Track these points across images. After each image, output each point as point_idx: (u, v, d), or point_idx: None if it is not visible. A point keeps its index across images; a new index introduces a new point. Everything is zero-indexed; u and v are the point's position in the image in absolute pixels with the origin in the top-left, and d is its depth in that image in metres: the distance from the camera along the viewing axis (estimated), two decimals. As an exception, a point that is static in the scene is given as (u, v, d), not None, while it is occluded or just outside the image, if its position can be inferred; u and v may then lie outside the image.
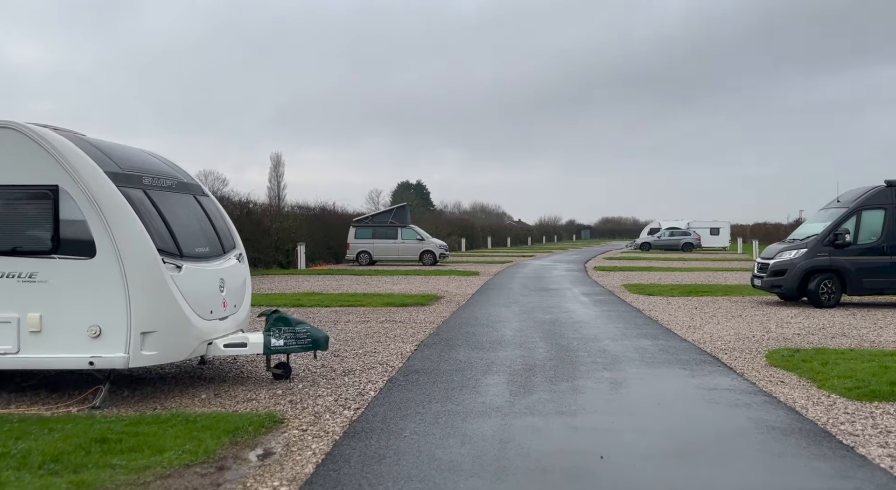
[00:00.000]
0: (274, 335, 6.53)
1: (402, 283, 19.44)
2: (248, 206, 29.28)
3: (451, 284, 19.12)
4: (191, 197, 7.11)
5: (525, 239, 75.68)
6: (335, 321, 11.17)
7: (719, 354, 8.20)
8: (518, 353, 8.14)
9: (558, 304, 13.93)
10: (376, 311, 12.56)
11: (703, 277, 22.06)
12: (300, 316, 12.16)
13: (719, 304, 14.10)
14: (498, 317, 11.68)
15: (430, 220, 51.68)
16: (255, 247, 28.44)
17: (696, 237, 47.80)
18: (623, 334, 9.69)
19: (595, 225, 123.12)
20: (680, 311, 12.80)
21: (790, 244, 14.04)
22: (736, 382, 6.68)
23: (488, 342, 8.90)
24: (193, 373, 7.13)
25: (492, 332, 9.88)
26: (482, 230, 61.34)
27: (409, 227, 31.09)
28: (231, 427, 4.99)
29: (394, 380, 6.70)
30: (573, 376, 6.83)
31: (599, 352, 8.22)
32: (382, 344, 8.84)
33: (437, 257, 30.51)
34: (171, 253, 6.10)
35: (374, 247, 30.72)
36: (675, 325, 10.82)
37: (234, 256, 7.25)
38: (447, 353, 8.15)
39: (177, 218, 6.56)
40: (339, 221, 34.58)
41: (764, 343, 9.05)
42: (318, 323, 11.01)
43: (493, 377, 6.80)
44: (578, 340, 9.07)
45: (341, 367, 7.39)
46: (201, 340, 6.27)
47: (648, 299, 14.98)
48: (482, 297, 15.29)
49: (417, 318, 11.50)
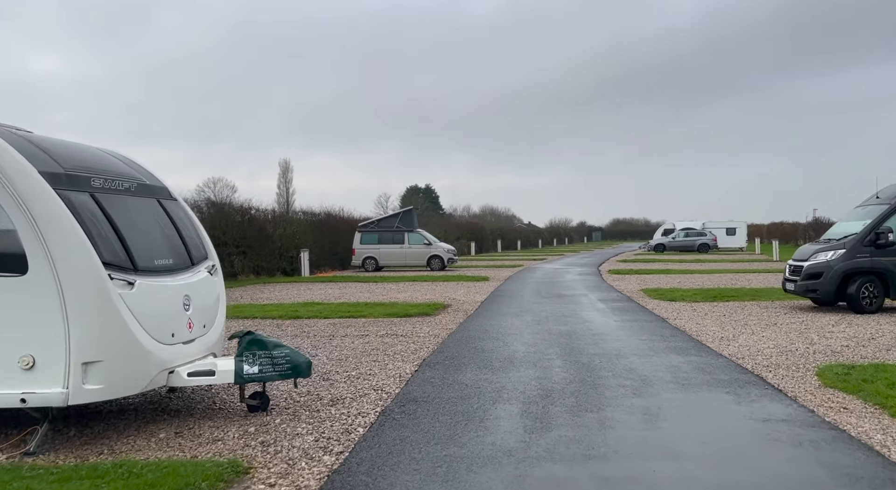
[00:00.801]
0: (247, 361, 5.58)
1: (407, 291, 18.47)
2: (251, 212, 28.45)
3: (459, 291, 18.14)
4: (153, 201, 6.18)
5: (536, 242, 74.58)
6: (331, 336, 10.22)
7: (763, 372, 7.17)
8: (532, 373, 7.15)
9: (574, 312, 12.91)
10: (377, 324, 11.60)
11: (726, 280, 20.94)
12: (296, 329, 11.27)
13: (749, 310, 13.03)
14: (509, 328, 10.69)
15: (439, 223, 50.74)
16: (258, 254, 27.63)
17: (712, 238, 46.53)
18: (649, 349, 8.67)
19: (606, 226, 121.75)
20: (707, 319, 11.75)
21: (826, 244, 12.95)
22: (791, 410, 5.65)
23: (498, 360, 7.91)
24: (159, 404, 6.19)
25: (502, 347, 8.89)
26: (492, 233, 60.32)
27: (416, 231, 30.15)
28: (180, 483, 4.03)
29: (388, 411, 5.73)
30: (599, 405, 5.83)
31: (626, 371, 7.20)
32: (380, 363, 7.88)
33: (445, 262, 29.54)
34: (121, 267, 5.16)
35: (381, 252, 29.79)
36: (705, 336, 9.78)
37: (204, 269, 6.30)
38: (452, 374, 7.17)
39: (133, 225, 5.63)
40: (344, 226, 33.69)
41: (810, 357, 8.01)
42: (314, 337, 10.07)
43: (505, 407, 5.81)
44: (600, 357, 8.06)
45: (329, 394, 6.42)
46: (161, 369, 5.33)
47: (671, 306, 13.92)
48: (492, 306, 14.30)
49: (421, 332, 10.52)
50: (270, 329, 11.09)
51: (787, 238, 44.81)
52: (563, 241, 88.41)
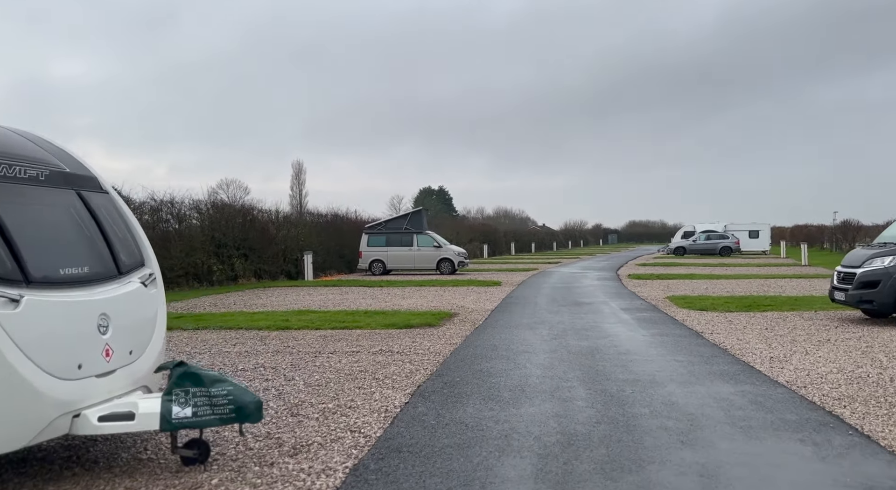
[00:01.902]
0: (178, 401, 4.27)
1: (413, 297, 17.15)
2: (253, 213, 27.28)
3: (468, 298, 16.79)
4: (71, 194, 4.89)
5: (550, 244, 73.02)
6: (318, 352, 8.91)
7: (837, 409, 5.75)
8: (550, 408, 5.78)
9: (595, 323, 11.51)
10: (373, 337, 10.28)
11: (756, 287, 19.40)
12: (280, 342, 9.98)
13: (792, 322, 11.55)
14: (521, 344, 9.32)
15: (451, 225, 49.45)
16: (259, 256, 26.44)
17: (734, 241, 44.74)
18: (689, 373, 7.26)
19: (622, 229, 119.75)
20: (748, 333, 10.30)
21: (882, 249, 11.44)
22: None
23: (508, 388, 6.55)
24: (69, 450, 4.90)
25: (513, 369, 7.53)
26: (505, 235, 58.89)
27: (426, 233, 28.83)
28: None
29: (362, 468, 4.39)
30: (638, 459, 4.45)
31: (666, 406, 5.81)
32: (365, 391, 6.55)
33: (455, 265, 28.20)
34: (2, 278, 3.89)
35: (388, 255, 28.51)
36: (751, 356, 8.36)
37: (136, 279, 5.01)
38: (450, 408, 5.81)
39: (31, 224, 4.35)
40: (352, 228, 32.45)
41: (889, 387, 6.57)
42: (297, 353, 8.77)
43: (514, 462, 4.45)
44: (631, 385, 6.68)
45: (293, 437, 5.10)
46: (61, 412, 4.04)
47: (703, 317, 12.47)
48: (503, 316, 12.93)
49: (421, 347, 9.18)
50: (252, 342, 9.82)
51: (813, 241, 42.91)
52: (578, 244, 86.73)
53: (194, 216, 24.75)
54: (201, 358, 8.59)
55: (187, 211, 24.45)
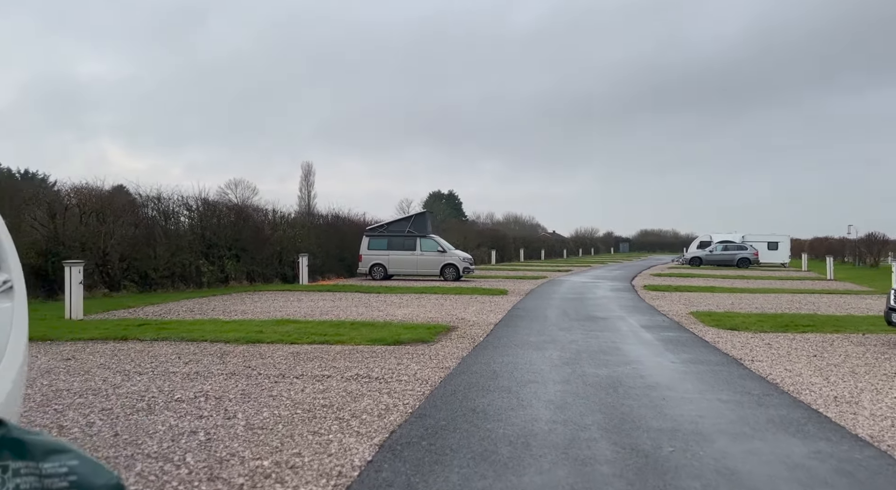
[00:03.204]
0: (-10, 481, 2.75)
1: (410, 306, 15.63)
2: (247, 211, 25.85)
3: (470, 308, 15.24)
4: None
5: (560, 251, 71.34)
6: (281, 375, 7.39)
7: (959, 486, 4.15)
8: (563, 477, 4.21)
9: (613, 344, 9.93)
10: (354, 355, 8.76)
11: (786, 303, 17.73)
12: (242, 360, 8.42)
13: (842, 348, 9.93)
14: (527, 371, 7.76)
15: (460, 229, 47.94)
16: (253, 258, 25.01)
17: (753, 252, 42.91)
18: (741, 421, 5.67)
19: (634, 238, 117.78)
20: (795, 361, 8.70)
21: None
22: None
23: (508, 441, 4.98)
24: None
25: (516, 408, 5.97)
26: (514, 241, 57.28)
27: (430, 236, 27.31)
28: None
29: None
30: None
31: (723, 479, 4.23)
32: (320, 439, 5.01)
33: (460, 272, 26.65)
34: None
35: (390, 259, 27.01)
36: (809, 394, 6.77)
37: (-23, 288, 3.51)
38: (426, 477, 4.25)
39: None
40: (353, 230, 30.97)
41: None
42: (255, 376, 7.27)
43: None
44: (669, 437, 5.10)
45: (196, 519, 3.56)
46: None
47: (736, 338, 10.86)
48: (508, 331, 11.37)
49: (406, 372, 7.65)
50: (209, 360, 8.32)
51: (834, 254, 41.01)
52: (588, 252, 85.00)
53: (183, 213, 23.38)
54: (138, 381, 7.09)
55: (176, 208, 23.09)
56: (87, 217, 19.32)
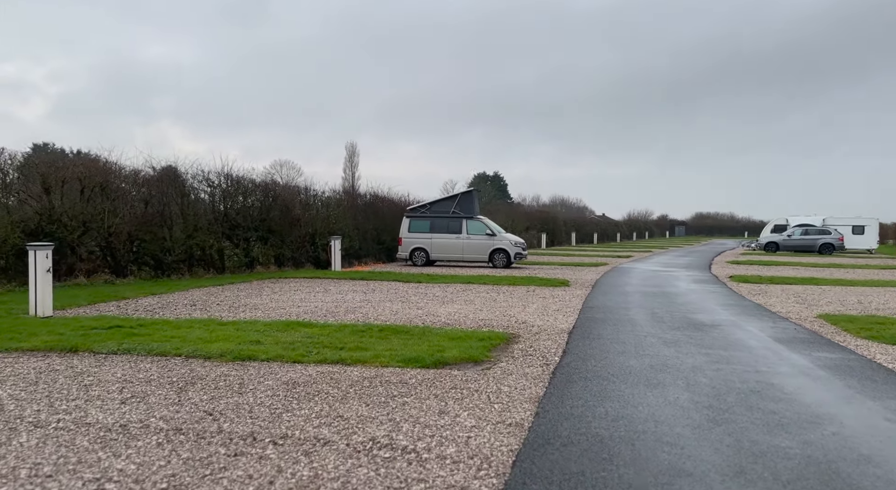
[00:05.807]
0: None
1: (456, 301, 12.71)
2: (275, 189, 23.24)
3: (530, 306, 12.22)
4: None
5: (613, 235, 67.33)
6: (252, 437, 4.54)
7: None
8: None
9: (762, 377, 6.78)
10: (374, 390, 5.86)
11: (929, 302, 14.09)
12: (210, 397, 5.46)
13: None
14: (657, 441, 4.71)
15: (506, 211, 44.73)
16: (282, 240, 22.44)
17: (838, 237, 38.41)
18: None
19: (689, 221, 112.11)
20: None
21: None
22: None
23: None
24: None
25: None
26: (565, 225, 53.70)
27: (478, 218, 24.24)
28: None
29: None
30: None
31: None
32: None
33: (511, 258, 23.57)
34: None
35: (433, 243, 24.10)
36: None
37: None
38: None
39: None
40: (394, 211, 28.09)
41: None
42: (219, 433, 4.46)
43: None
44: None
45: None
46: None
47: (926, 363, 7.55)
48: (590, 346, 8.32)
49: (453, 434, 4.70)
50: (163, 394, 5.56)
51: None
52: (642, 236, 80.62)
53: (204, 190, 20.90)
54: (5, 448, 4.34)
55: (196, 183, 20.63)
56: (89, 191, 16.99)
